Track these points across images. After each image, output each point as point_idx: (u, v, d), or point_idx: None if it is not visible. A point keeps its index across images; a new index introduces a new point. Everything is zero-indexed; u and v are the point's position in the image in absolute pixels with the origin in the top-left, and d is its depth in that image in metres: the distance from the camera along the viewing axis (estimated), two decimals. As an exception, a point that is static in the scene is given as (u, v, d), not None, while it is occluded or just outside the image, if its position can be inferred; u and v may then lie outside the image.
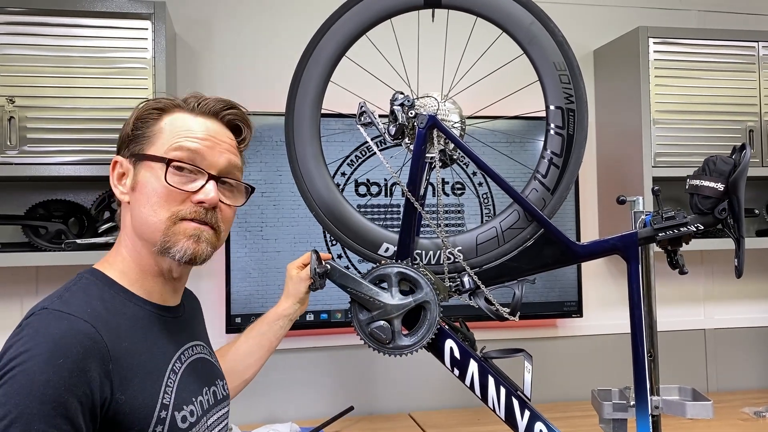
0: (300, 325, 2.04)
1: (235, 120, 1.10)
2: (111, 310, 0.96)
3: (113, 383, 0.89)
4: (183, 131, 1.03)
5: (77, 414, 0.84)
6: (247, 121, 1.12)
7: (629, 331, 1.21)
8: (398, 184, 1.28)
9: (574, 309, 2.21)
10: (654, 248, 1.31)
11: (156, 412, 0.93)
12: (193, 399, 1.02)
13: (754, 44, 2.13)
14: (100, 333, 0.90)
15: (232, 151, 1.07)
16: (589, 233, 2.29)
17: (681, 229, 1.17)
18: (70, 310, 0.91)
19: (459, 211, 2.14)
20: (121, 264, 1.03)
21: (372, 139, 1.33)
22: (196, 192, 1.01)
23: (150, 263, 1.03)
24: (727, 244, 2.09)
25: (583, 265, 2.19)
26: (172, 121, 1.04)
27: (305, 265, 1.37)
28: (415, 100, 1.26)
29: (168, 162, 1.00)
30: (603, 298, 2.34)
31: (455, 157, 1.28)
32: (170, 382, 0.98)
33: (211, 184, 1.02)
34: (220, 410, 1.13)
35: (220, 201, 1.04)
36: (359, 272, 1.23)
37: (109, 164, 1.03)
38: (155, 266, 1.04)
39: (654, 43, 2.08)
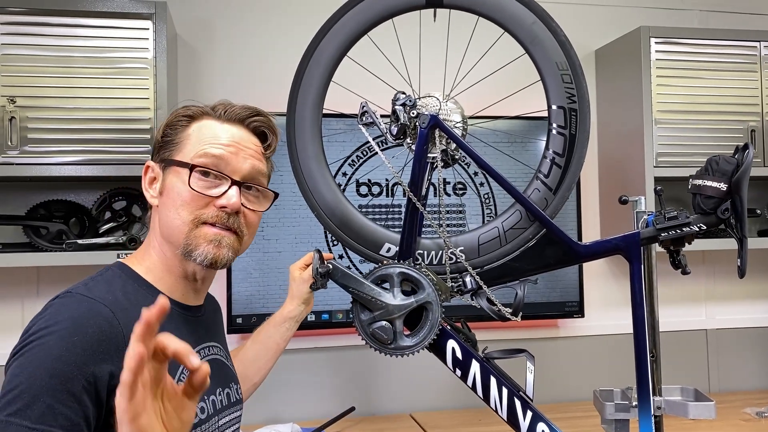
0: (301, 325, 2.02)
1: (261, 127, 1.13)
2: (132, 301, 0.98)
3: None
4: (209, 138, 1.06)
5: (83, 392, 0.86)
6: (273, 128, 1.15)
7: (631, 331, 1.20)
8: (400, 184, 1.27)
9: (576, 309, 2.20)
10: (656, 248, 1.31)
11: None
12: (206, 397, 1.03)
13: (756, 44, 2.13)
14: (117, 318, 0.92)
15: (256, 157, 1.10)
16: (591, 233, 2.29)
17: (684, 229, 1.17)
18: (93, 295, 0.94)
19: (460, 212, 2.14)
20: (148, 261, 1.07)
21: (374, 139, 1.33)
22: (219, 197, 1.03)
23: (175, 264, 1.06)
24: (729, 244, 2.10)
25: (585, 265, 2.18)
26: (200, 128, 1.07)
27: (308, 266, 1.37)
28: (417, 100, 1.25)
29: (192, 167, 1.02)
30: (604, 299, 2.33)
31: (457, 157, 1.28)
32: (183, 377, 0.99)
33: (234, 189, 1.04)
34: (233, 413, 1.14)
35: (244, 206, 1.06)
36: (361, 273, 1.23)
37: (111, 164, 1.06)
38: (180, 268, 1.06)
39: (656, 42, 2.07)
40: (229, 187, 1.04)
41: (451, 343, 1.21)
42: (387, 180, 2.10)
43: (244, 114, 1.11)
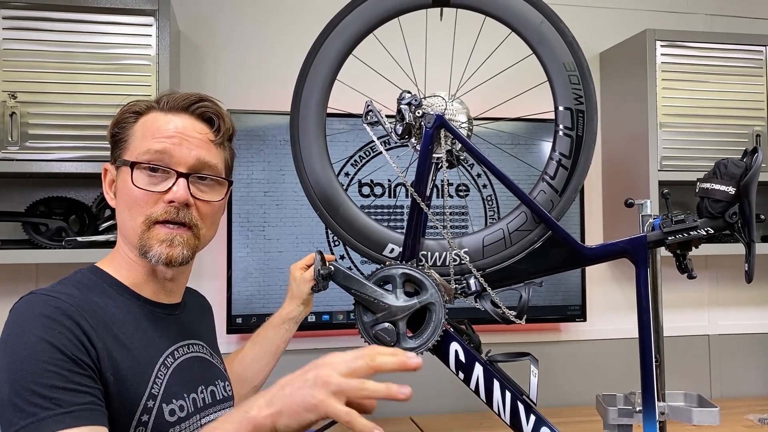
0: (301, 326, 2.00)
1: (206, 113, 1.07)
2: (100, 302, 0.98)
3: (103, 362, 0.92)
4: (152, 131, 1.03)
5: (88, 377, 0.88)
6: (219, 113, 1.09)
7: (633, 335, 1.19)
8: (404, 184, 1.26)
9: (578, 313, 2.19)
10: (662, 253, 1.29)
11: (143, 401, 0.94)
12: (185, 395, 1.02)
13: (762, 48, 2.12)
14: (85, 317, 0.93)
15: (202, 146, 1.05)
16: (594, 237, 2.28)
17: (691, 232, 1.16)
18: (57, 294, 0.94)
19: (463, 213, 2.13)
20: (116, 262, 1.06)
21: (378, 139, 1.32)
22: (165, 192, 1.01)
23: (140, 264, 1.05)
24: (732, 249, 2.09)
25: (587, 269, 2.17)
26: (144, 123, 1.04)
27: (309, 266, 1.36)
28: (423, 100, 1.24)
29: (132, 165, 1.00)
30: (607, 303, 2.32)
31: (462, 157, 1.27)
32: (160, 375, 0.99)
33: (181, 182, 1.01)
34: (220, 411, 1.11)
35: (195, 197, 1.03)
36: (362, 274, 1.21)
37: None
38: (146, 267, 1.05)
39: (661, 46, 2.06)
40: (176, 181, 1.01)
41: (454, 346, 1.20)
42: (389, 181, 2.08)
43: (187, 102, 1.06)
